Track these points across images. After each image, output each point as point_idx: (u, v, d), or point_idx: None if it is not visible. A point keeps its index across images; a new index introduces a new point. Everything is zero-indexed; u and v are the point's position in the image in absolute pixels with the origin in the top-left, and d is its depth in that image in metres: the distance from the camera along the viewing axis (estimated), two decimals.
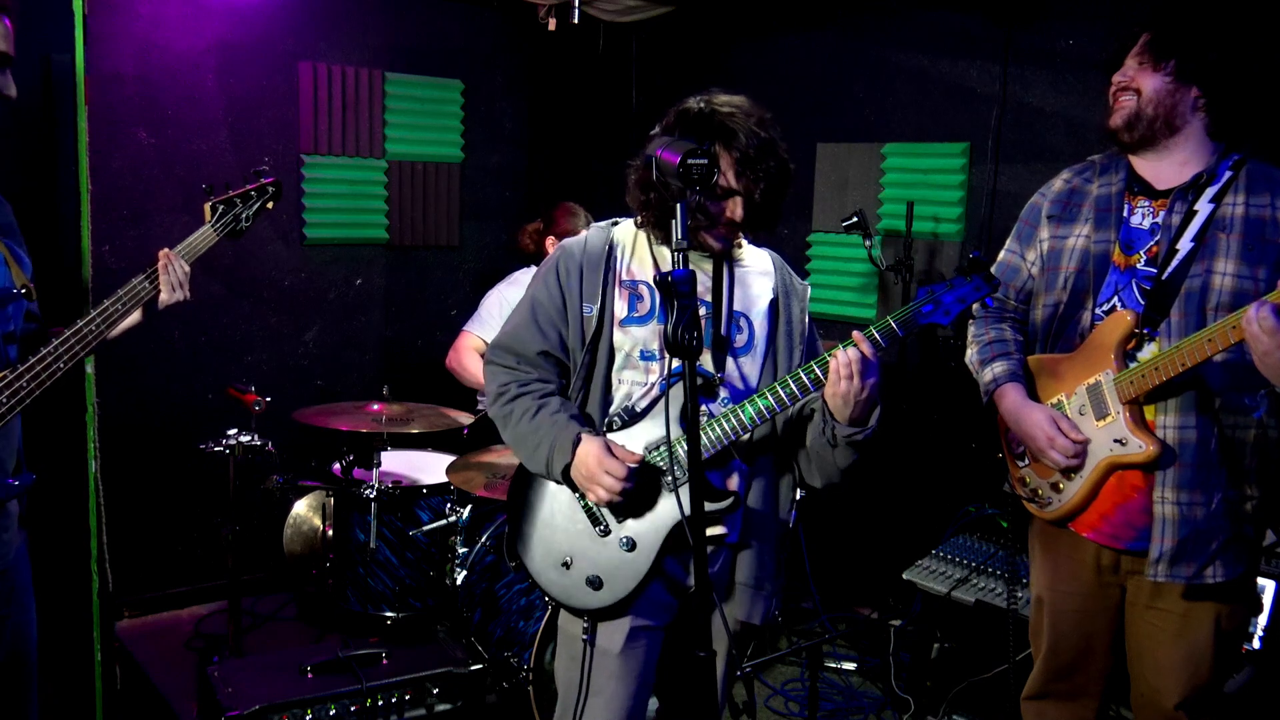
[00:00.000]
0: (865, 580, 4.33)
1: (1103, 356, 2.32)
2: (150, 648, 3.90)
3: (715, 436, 2.11)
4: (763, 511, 2.22)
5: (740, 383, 2.21)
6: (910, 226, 4.04)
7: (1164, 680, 2.38)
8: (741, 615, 2.22)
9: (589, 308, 2.19)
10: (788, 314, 2.27)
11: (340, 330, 4.80)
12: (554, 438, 2.12)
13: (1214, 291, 2.21)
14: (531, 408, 2.18)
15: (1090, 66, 3.69)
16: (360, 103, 4.66)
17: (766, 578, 2.23)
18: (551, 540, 2.22)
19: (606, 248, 2.23)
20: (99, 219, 3.89)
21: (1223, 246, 2.21)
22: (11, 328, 2.09)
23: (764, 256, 2.32)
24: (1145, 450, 2.25)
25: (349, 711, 2.83)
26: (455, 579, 3.59)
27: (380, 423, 3.70)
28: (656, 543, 2.14)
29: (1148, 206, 2.34)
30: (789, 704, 3.79)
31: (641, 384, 2.20)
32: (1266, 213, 2.21)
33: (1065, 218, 2.45)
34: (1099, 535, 2.39)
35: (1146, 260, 2.31)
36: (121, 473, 3.65)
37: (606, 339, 2.19)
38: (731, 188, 2.08)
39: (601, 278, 2.19)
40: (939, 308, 2.03)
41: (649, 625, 2.20)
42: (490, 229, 5.21)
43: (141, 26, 4.08)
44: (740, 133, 2.07)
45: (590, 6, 4.62)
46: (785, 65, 4.67)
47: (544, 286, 2.25)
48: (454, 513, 3.64)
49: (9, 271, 2.09)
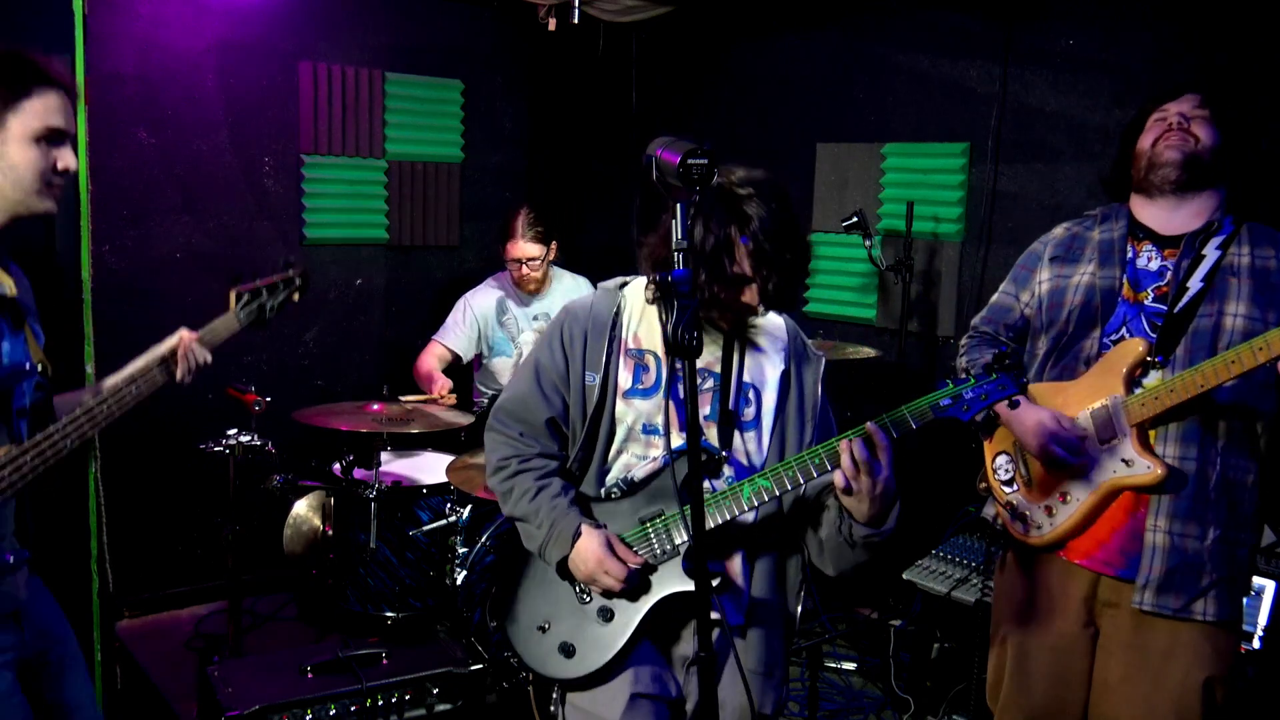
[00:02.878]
0: (865, 580, 4.32)
1: (1111, 381, 2.31)
2: (150, 648, 3.90)
3: (709, 511, 2.01)
4: (769, 600, 2.15)
5: (745, 459, 2.13)
6: (910, 226, 4.04)
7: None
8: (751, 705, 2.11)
9: (591, 376, 2.12)
10: (799, 387, 2.18)
11: (340, 330, 4.80)
12: (552, 525, 2.07)
13: (1225, 331, 2.23)
14: (531, 489, 2.12)
15: (1090, 66, 3.69)
16: (360, 103, 4.66)
17: (776, 664, 2.15)
18: (532, 602, 2.17)
19: (613, 313, 2.15)
20: (99, 219, 3.88)
21: (1233, 290, 2.24)
22: (25, 403, 2.09)
23: (778, 324, 2.22)
24: (1152, 472, 2.24)
25: (349, 711, 2.83)
26: (455, 579, 3.59)
27: (380, 423, 3.70)
28: (636, 618, 2.07)
29: (1154, 251, 2.35)
30: (789, 704, 3.79)
31: (642, 456, 2.14)
32: (1271, 264, 2.26)
33: (1068, 259, 2.45)
34: (1092, 562, 2.35)
35: (1155, 298, 2.33)
36: (121, 473, 3.65)
37: (609, 410, 2.13)
38: (746, 275, 1.99)
39: (605, 345, 2.12)
40: (958, 403, 1.96)
41: (651, 693, 2.07)
42: (490, 229, 5.19)
43: (141, 26, 4.08)
44: (756, 218, 1.96)
45: (590, 6, 4.61)
46: (785, 65, 4.67)
47: (548, 350, 2.17)
48: (454, 513, 3.63)
49: (28, 349, 2.10)
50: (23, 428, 2.08)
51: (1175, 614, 2.24)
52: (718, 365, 2.13)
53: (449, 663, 3.02)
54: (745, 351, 2.16)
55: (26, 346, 2.11)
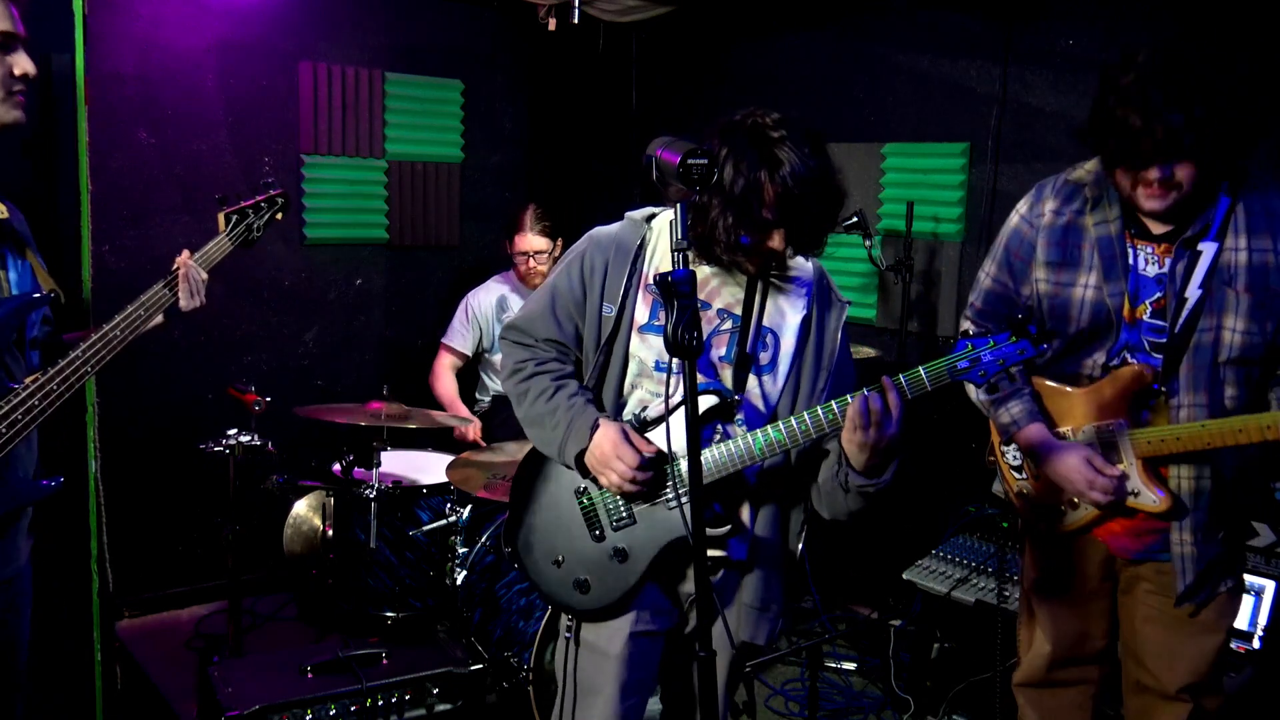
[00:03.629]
0: (865, 580, 4.33)
1: (1116, 405, 2.32)
2: (150, 648, 3.90)
3: (721, 460, 2.03)
4: (771, 539, 2.17)
5: (760, 401, 2.12)
6: (910, 226, 4.04)
7: (1165, 664, 2.40)
8: (746, 635, 2.17)
9: (609, 308, 2.10)
10: (819, 333, 2.15)
11: (340, 330, 4.80)
12: (570, 421, 2.06)
13: (1224, 346, 2.22)
14: (549, 389, 2.11)
15: (1090, 66, 3.69)
16: (360, 103, 4.66)
17: (773, 599, 2.19)
18: (547, 535, 2.19)
19: (636, 245, 2.12)
20: (99, 219, 3.88)
21: (1231, 303, 2.20)
22: (35, 334, 2.13)
23: (805, 266, 2.18)
24: (1159, 503, 2.29)
25: (349, 711, 2.83)
26: (455, 579, 3.59)
27: (380, 418, 3.70)
28: (648, 558, 2.09)
29: (1150, 253, 2.29)
30: (789, 704, 3.78)
31: (655, 394, 2.12)
32: (1270, 258, 2.19)
33: (1066, 262, 2.35)
34: (1110, 538, 2.43)
35: (1153, 311, 2.29)
36: (121, 473, 3.65)
37: (623, 344, 2.11)
38: (772, 220, 1.95)
39: (625, 277, 2.10)
40: (976, 366, 1.93)
41: (650, 630, 2.15)
42: (490, 229, 5.20)
43: (141, 26, 4.08)
44: (787, 163, 1.92)
45: (590, 6, 4.61)
46: (785, 65, 4.67)
47: (566, 276, 2.15)
48: (454, 513, 3.64)
49: (37, 278, 2.12)
50: (34, 358, 2.11)
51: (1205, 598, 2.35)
52: (738, 307, 2.11)
53: (449, 663, 3.02)
54: (768, 295, 2.13)
55: (34, 275, 2.12)
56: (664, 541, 2.09)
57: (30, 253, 2.14)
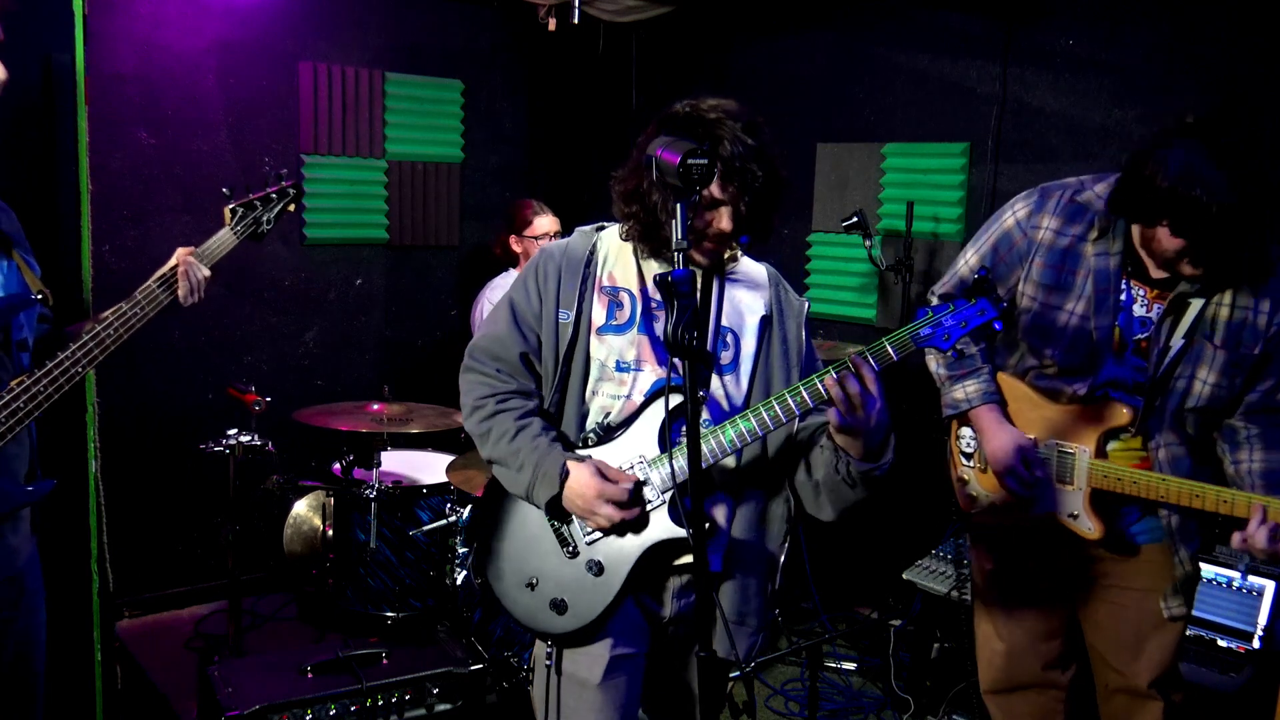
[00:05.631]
0: (865, 580, 4.32)
1: (1084, 433, 2.36)
2: (150, 648, 3.90)
3: None
4: (749, 541, 2.11)
5: (725, 402, 2.10)
6: (910, 226, 4.04)
7: (1131, 657, 2.45)
8: (722, 651, 2.03)
9: (565, 314, 2.09)
10: (783, 332, 2.14)
11: (340, 330, 4.80)
12: (536, 464, 2.02)
13: (1192, 395, 2.28)
14: (510, 430, 2.07)
15: (1090, 66, 3.70)
16: (360, 103, 4.66)
17: (751, 612, 2.12)
18: (518, 559, 2.12)
19: (588, 252, 2.14)
20: (99, 219, 3.89)
21: (1208, 356, 2.25)
22: (24, 334, 2.10)
23: (758, 270, 2.20)
24: (1092, 533, 2.36)
25: (349, 711, 2.83)
26: (455, 579, 3.59)
27: (380, 422, 3.70)
28: (625, 568, 2.03)
29: (1144, 295, 2.29)
30: (789, 704, 3.79)
31: (616, 397, 2.09)
32: (1249, 316, 2.23)
33: (1060, 286, 2.33)
34: None
35: (1135, 349, 2.31)
36: (121, 473, 3.65)
37: (583, 348, 2.09)
38: (716, 198, 1.96)
39: (579, 283, 2.10)
40: (938, 330, 1.92)
41: (629, 654, 2.07)
42: (490, 229, 5.20)
43: (141, 26, 4.08)
44: (725, 139, 1.94)
45: (590, 6, 4.62)
46: (785, 65, 4.67)
47: (523, 288, 2.16)
48: (454, 513, 3.64)
49: (24, 278, 2.10)
50: (24, 360, 2.08)
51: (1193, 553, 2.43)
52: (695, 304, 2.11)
53: (449, 663, 3.02)
54: (724, 293, 2.13)
55: (21, 275, 2.10)
56: (642, 547, 2.03)
57: (18, 253, 2.10)
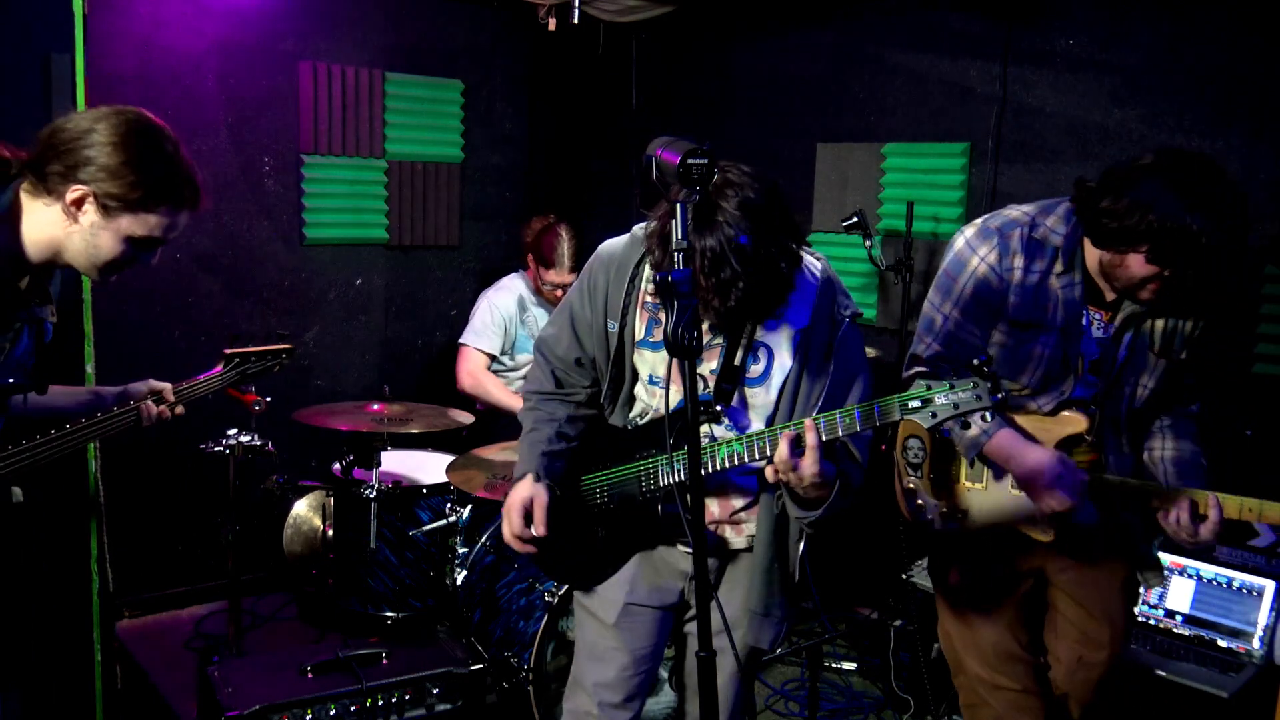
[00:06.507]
0: (865, 580, 4.32)
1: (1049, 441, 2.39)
2: (150, 648, 3.90)
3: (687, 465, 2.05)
4: (774, 536, 2.20)
5: (750, 412, 2.14)
6: (910, 226, 4.04)
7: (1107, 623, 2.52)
8: (750, 640, 2.22)
9: (612, 324, 2.18)
10: (821, 344, 2.11)
11: (340, 330, 4.80)
12: (520, 462, 2.26)
13: (1137, 400, 2.41)
14: (527, 427, 2.30)
15: (1090, 66, 3.69)
16: (360, 103, 4.66)
17: (775, 604, 2.22)
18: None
19: (635, 261, 2.15)
20: None
21: (1149, 364, 2.37)
22: None
23: (814, 268, 2.13)
24: (1047, 536, 2.40)
25: (349, 711, 2.83)
26: (455, 579, 3.59)
27: (380, 422, 3.70)
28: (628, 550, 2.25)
29: (1100, 319, 2.38)
30: (789, 704, 3.79)
31: (650, 407, 2.21)
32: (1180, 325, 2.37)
33: (1033, 321, 2.36)
34: None
35: (1089, 366, 2.38)
36: (121, 473, 3.65)
37: (628, 357, 2.19)
38: (699, 285, 1.90)
39: (624, 294, 2.15)
40: (926, 406, 1.90)
41: (644, 604, 2.26)
42: (490, 229, 5.21)
43: (141, 26, 4.08)
44: (720, 224, 1.88)
45: (590, 6, 4.61)
46: (785, 65, 4.67)
47: (579, 296, 2.25)
48: (454, 513, 3.64)
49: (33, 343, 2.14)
50: None
51: None
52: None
53: (449, 663, 3.02)
54: None
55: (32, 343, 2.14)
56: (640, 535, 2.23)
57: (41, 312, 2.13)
